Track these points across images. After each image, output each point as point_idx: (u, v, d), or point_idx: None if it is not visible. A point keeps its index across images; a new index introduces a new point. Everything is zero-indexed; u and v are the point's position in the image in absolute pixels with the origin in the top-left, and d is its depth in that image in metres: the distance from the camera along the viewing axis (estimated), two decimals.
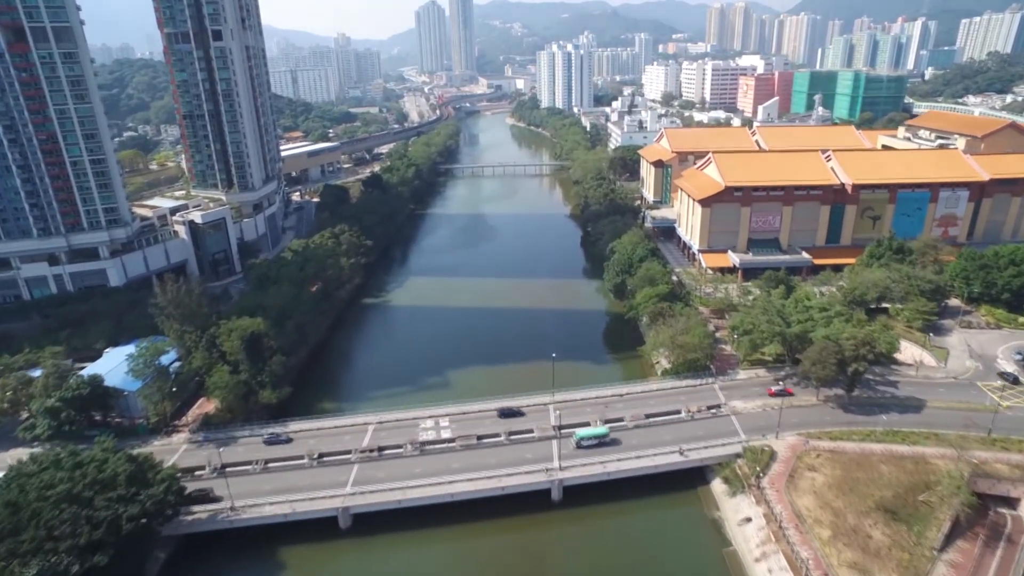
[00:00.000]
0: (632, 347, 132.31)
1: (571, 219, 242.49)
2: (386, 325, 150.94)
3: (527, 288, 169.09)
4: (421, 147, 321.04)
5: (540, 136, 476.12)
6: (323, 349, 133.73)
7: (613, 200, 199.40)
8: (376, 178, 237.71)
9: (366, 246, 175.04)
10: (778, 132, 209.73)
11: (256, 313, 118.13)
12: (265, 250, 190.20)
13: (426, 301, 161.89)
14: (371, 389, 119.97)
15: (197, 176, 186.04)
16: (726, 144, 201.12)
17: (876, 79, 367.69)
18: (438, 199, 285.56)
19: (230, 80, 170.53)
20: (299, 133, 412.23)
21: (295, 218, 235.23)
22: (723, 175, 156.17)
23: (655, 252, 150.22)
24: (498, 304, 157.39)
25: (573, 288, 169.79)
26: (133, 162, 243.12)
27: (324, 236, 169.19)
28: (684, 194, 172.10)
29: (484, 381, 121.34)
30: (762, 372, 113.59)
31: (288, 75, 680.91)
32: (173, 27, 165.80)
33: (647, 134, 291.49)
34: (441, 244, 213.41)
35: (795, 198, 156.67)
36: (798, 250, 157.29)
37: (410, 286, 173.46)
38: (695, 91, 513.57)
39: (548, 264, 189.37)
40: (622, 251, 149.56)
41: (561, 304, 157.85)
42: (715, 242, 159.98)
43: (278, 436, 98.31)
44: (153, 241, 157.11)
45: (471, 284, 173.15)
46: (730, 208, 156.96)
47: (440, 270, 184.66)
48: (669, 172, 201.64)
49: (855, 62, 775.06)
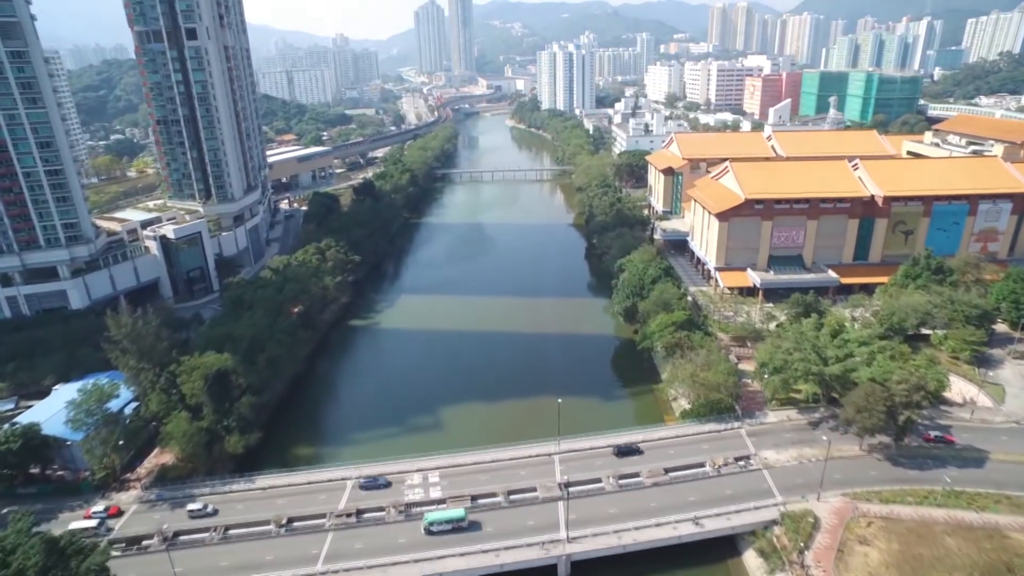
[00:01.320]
0: (645, 379, 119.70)
1: (574, 228, 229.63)
2: (373, 352, 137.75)
3: (528, 308, 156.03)
4: (417, 151, 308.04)
5: (541, 138, 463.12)
6: (302, 382, 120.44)
7: (620, 211, 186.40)
8: (368, 185, 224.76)
9: (354, 262, 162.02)
10: (795, 137, 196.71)
11: (225, 346, 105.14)
12: (247, 265, 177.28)
13: (418, 323, 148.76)
14: (353, 430, 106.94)
15: (173, 186, 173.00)
16: (741, 150, 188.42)
17: (889, 80, 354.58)
18: (434, 207, 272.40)
19: (206, 82, 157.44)
20: (292, 136, 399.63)
21: (282, 228, 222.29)
22: (742, 186, 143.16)
23: (668, 271, 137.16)
24: (496, 327, 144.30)
25: (578, 308, 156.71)
26: (109, 169, 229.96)
27: (308, 252, 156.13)
28: (698, 206, 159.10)
29: (480, 421, 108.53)
30: (794, 414, 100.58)
31: (284, 76, 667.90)
32: (144, 25, 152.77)
33: (653, 138, 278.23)
34: (436, 257, 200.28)
35: (821, 211, 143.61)
36: (823, 268, 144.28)
37: (402, 306, 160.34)
38: (700, 92, 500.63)
39: (550, 280, 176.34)
40: (632, 271, 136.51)
41: (565, 327, 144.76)
42: (733, 259, 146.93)
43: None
44: (121, 258, 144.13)
45: (467, 303, 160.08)
46: (750, 222, 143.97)
47: (434, 287, 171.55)
48: (680, 180, 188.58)
49: (860, 62, 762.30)
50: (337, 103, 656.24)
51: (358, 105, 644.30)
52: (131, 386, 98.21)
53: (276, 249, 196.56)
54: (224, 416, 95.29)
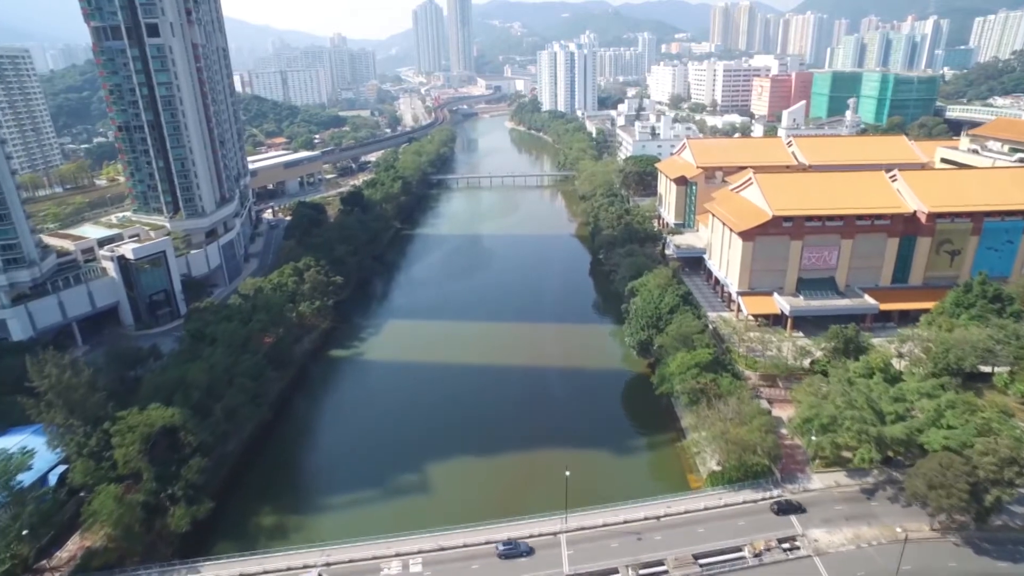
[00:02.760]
0: (663, 426, 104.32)
1: (578, 240, 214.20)
2: (353, 391, 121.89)
3: (529, 335, 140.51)
4: (411, 156, 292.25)
5: (541, 141, 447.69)
6: (267, 434, 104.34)
7: (629, 224, 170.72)
8: (356, 195, 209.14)
9: (336, 284, 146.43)
10: (817, 144, 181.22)
11: (174, 395, 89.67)
12: (221, 284, 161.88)
13: (406, 354, 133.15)
14: (325, 494, 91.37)
15: (137, 198, 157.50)
16: (760, 158, 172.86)
17: (906, 80, 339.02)
18: (428, 216, 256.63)
19: (171, 84, 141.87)
20: (282, 139, 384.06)
21: (264, 241, 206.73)
22: (769, 201, 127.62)
23: (687, 298, 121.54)
24: (493, 359, 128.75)
25: (584, 335, 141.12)
26: (76, 177, 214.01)
27: (284, 273, 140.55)
28: (716, 221, 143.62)
29: (474, 482, 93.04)
30: (843, 478, 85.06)
31: (278, 76, 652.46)
32: (100, 20, 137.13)
33: (661, 142, 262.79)
34: (428, 274, 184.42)
35: (857, 229, 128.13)
36: (859, 292, 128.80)
37: (389, 332, 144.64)
38: (705, 93, 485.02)
39: (553, 301, 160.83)
40: (646, 297, 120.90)
41: (570, 359, 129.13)
42: (758, 282, 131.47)
43: None
44: (73, 282, 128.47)
45: (461, 329, 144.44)
46: (777, 242, 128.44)
47: (425, 309, 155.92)
48: (694, 191, 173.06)
49: (866, 62, 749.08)
50: (333, 104, 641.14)
51: (354, 106, 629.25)
52: (57, 447, 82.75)
53: (255, 266, 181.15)
54: (168, 483, 79.77)
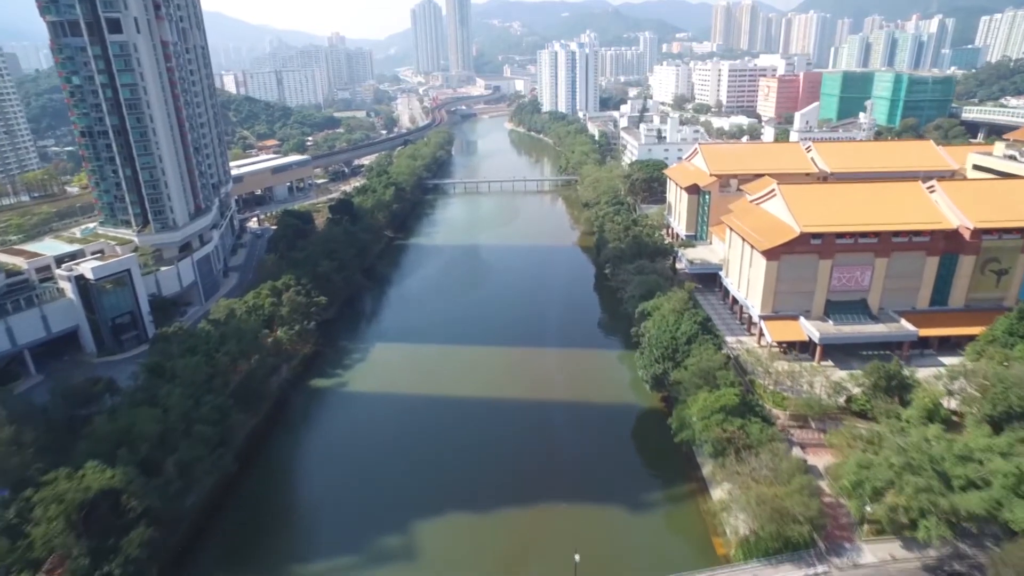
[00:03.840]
0: (682, 476, 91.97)
1: (581, 251, 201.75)
2: (334, 430, 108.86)
3: (529, 361, 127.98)
4: (406, 160, 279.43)
5: (542, 143, 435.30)
6: (229, 489, 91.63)
7: (637, 237, 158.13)
8: (345, 203, 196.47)
9: (320, 304, 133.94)
10: (838, 149, 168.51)
11: (119, 448, 77.12)
12: (196, 303, 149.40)
13: (394, 384, 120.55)
14: (297, 560, 78.77)
15: (104, 210, 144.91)
16: (778, 164, 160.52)
17: (920, 80, 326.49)
18: (423, 224, 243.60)
19: (136, 86, 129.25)
20: (274, 141, 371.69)
21: (247, 252, 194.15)
22: (795, 215, 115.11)
23: (705, 325, 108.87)
24: (490, 391, 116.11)
25: (590, 362, 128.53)
26: (45, 185, 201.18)
27: (261, 294, 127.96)
28: (735, 236, 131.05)
29: (466, 546, 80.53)
30: (899, 550, 72.52)
31: (273, 76, 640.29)
32: (56, 14, 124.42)
33: (668, 146, 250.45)
34: (421, 289, 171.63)
35: (893, 247, 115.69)
36: (894, 316, 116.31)
37: (376, 358, 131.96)
38: (710, 93, 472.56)
39: (556, 320, 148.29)
40: (662, 325, 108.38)
41: (576, 391, 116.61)
42: (782, 305, 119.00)
43: None
44: (25, 304, 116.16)
45: (455, 355, 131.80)
46: (804, 261, 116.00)
47: (417, 331, 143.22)
48: (708, 200, 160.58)
49: (871, 62, 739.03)
50: (329, 104, 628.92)
51: (350, 107, 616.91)
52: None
53: (235, 281, 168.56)
54: (104, 560, 67.37)
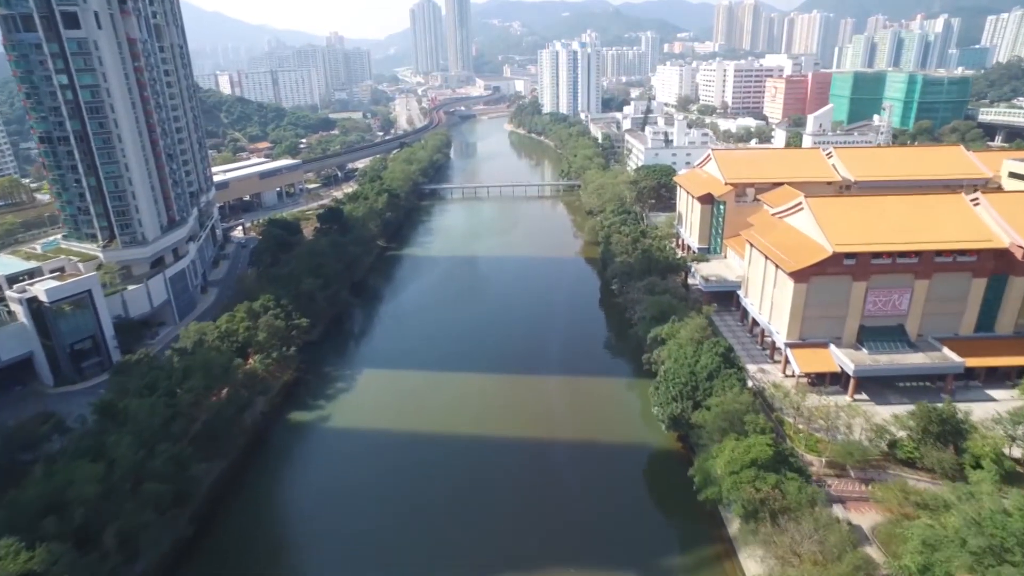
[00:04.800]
0: (704, 535, 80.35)
1: (585, 262, 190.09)
2: (311, 477, 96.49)
3: (529, 392, 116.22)
4: (401, 164, 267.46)
5: (543, 145, 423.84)
6: (194, 545, 79.86)
7: (647, 251, 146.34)
8: (334, 212, 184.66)
9: (300, 327, 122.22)
10: (862, 157, 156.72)
11: (48, 515, 65.41)
12: (170, 323, 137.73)
13: (380, 418, 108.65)
14: None
15: (68, 223, 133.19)
16: (797, 172, 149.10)
17: (935, 81, 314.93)
18: (418, 232, 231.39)
19: (98, 87, 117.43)
20: (266, 144, 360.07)
21: (230, 264, 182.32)
22: (826, 232, 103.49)
23: (728, 357, 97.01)
24: (486, 429, 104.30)
25: (597, 392, 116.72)
26: (11, 193, 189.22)
27: (236, 317, 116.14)
28: (756, 253, 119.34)
29: None
30: None
31: (268, 76, 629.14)
32: (7, 7, 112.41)
33: (675, 150, 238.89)
34: (414, 307, 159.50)
35: (935, 268, 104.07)
36: (935, 344, 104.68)
37: (363, 387, 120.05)
38: (715, 94, 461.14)
39: (559, 343, 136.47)
40: (679, 357, 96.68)
41: (582, 428, 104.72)
42: (811, 331, 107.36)
43: None
44: None
45: (448, 383, 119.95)
46: (836, 283, 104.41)
47: (408, 355, 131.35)
48: (722, 211, 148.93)
49: (876, 62, 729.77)
50: (325, 106, 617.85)
51: (347, 108, 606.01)
52: None
53: (215, 296, 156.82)
54: None
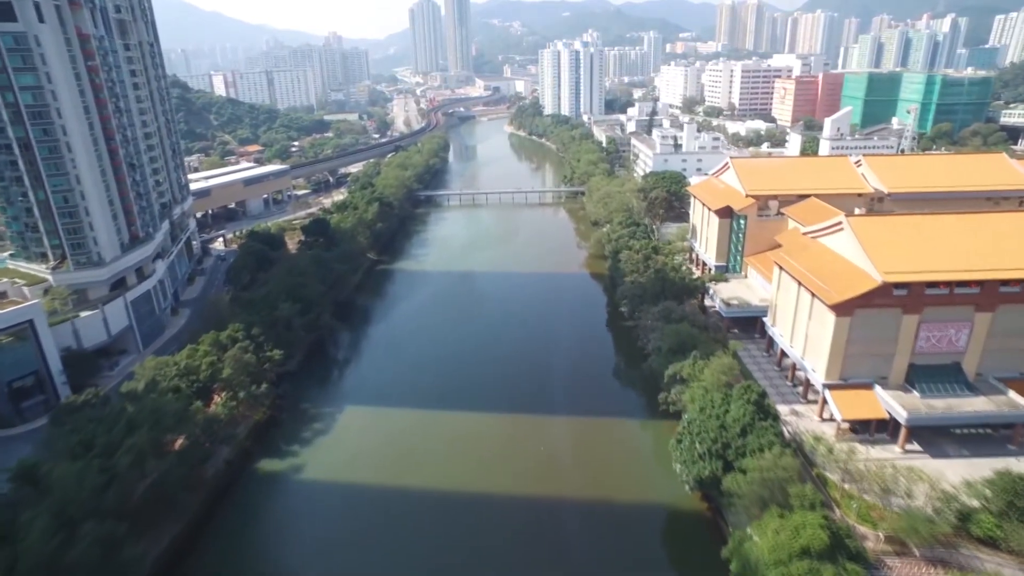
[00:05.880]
0: None
1: (591, 277, 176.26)
2: (278, 539, 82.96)
3: (530, 434, 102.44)
4: (394, 170, 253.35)
5: (544, 148, 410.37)
6: None
7: (661, 271, 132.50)
8: (320, 224, 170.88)
9: (274, 360, 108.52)
10: (895, 165, 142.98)
11: None
12: (132, 351, 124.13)
13: (362, 469, 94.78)
14: None
15: (14, 241, 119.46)
16: (824, 183, 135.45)
17: (955, 82, 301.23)
18: (412, 244, 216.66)
19: (41, 89, 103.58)
20: (256, 147, 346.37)
21: (207, 280, 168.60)
22: (873, 258, 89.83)
23: (762, 405, 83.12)
24: (482, 483, 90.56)
25: (608, 434, 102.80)
26: None
27: (199, 351, 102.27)
28: (788, 278, 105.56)
29: None
30: None
31: (263, 77, 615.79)
32: None
33: (685, 156, 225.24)
34: (404, 332, 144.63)
35: (1000, 299, 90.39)
36: (999, 386, 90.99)
37: (343, 429, 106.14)
38: (721, 96, 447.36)
39: (563, 373, 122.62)
40: (705, 405, 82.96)
41: (591, 481, 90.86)
42: (853, 370, 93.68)
43: None
44: None
45: (439, 425, 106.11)
46: (884, 316, 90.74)
47: (395, 390, 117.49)
48: (743, 226, 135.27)
49: (884, 62, 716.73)
50: (321, 107, 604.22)
51: (343, 109, 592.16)
52: None
53: (186, 318, 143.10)
54: None
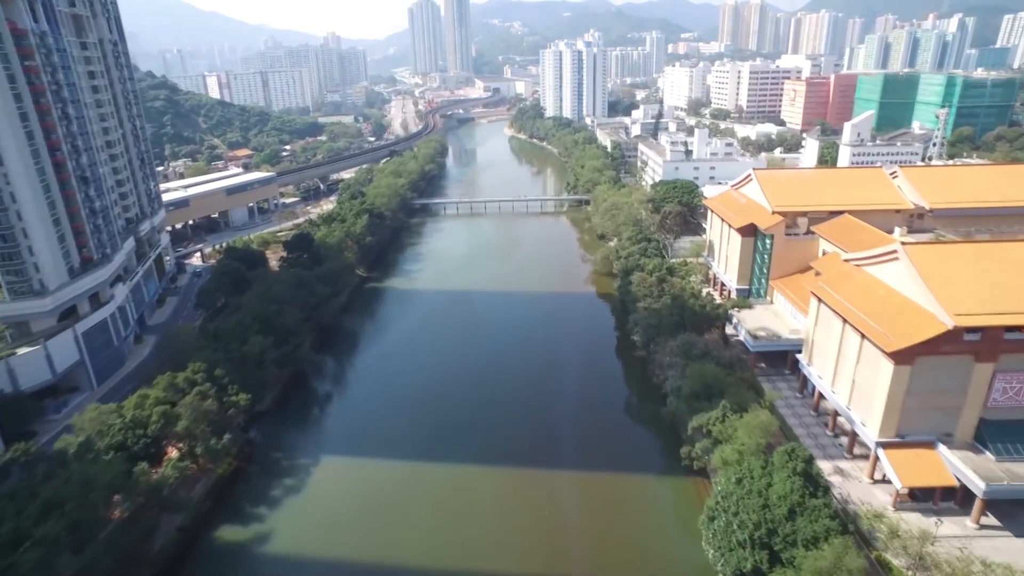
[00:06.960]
0: None
1: (597, 296, 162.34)
2: None
3: (535, 495, 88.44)
4: (387, 178, 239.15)
5: (545, 152, 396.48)
6: None
7: (678, 297, 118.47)
8: (304, 239, 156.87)
9: (239, 405, 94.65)
10: (936, 178, 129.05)
11: None
12: (85, 388, 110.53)
13: (337, 543, 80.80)
14: None
15: None
16: (858, 197, 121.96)
17: (977, 84, 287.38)
18: (405, 259, 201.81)
19: None
20: (246, 151, 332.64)
21: (180, 300, 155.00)
22: (939, 297, 75.92)
23: (811, 476, 69.22)
24: (483, 564, 76.62)
25: (626, 496, 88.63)
26: None
27: (149, 399, 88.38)
28: (830, 312, 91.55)
29: None
30: None
31: (258, 77, 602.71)
32: None
33: (698, 163, 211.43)
34: (392, 365, 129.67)
35: None
36: None
37: (317, 487, 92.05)
38: (728, 97, 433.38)
39: (571, 413, 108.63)
40: (745, 479, 68.99)
41: (611, 560, 76.92)
42: (911, 425, 79.78)
43: None
44: None
45: (427, 481, 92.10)
46: (952, 364, 76.85)
47: (378, 437, 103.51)
48: (769, 246, 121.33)
49: (891, 62, 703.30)
50: (317, 108, 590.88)
51: (339, 110, 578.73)
52: None
53: (150, 349, 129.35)
54: None
